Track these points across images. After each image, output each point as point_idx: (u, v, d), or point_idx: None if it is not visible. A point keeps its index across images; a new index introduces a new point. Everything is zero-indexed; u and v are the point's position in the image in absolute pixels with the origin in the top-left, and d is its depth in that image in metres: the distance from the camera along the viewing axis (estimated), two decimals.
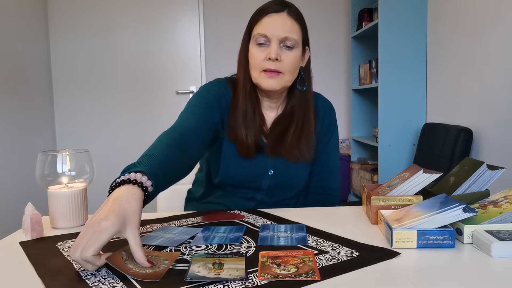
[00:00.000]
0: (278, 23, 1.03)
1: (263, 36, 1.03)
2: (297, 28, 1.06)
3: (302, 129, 1.10)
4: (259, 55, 1.04)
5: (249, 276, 0.60)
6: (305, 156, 1.09)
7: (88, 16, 3.35)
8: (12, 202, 2.60)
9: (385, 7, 2.69)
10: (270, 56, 1.02)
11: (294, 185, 1.13)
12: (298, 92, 1.12)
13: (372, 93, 3.16)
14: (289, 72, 1.05)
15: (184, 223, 0.91)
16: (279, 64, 1.03)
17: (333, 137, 1.18)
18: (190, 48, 3.44)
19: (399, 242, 0.72)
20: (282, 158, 1.09)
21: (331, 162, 1.17)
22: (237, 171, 1.09)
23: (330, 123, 1.18)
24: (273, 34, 1.02)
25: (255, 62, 1.05)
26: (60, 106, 3.39)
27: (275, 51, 1.02)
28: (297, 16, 1.07)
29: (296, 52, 1.05)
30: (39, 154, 0.90)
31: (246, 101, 1.08)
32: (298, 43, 1.06)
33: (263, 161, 1.09)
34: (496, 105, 2.04)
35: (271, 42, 1.03)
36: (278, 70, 1.03)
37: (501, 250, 0.67)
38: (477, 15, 2.18)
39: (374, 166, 3.04)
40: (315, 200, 1.16)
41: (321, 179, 1.16)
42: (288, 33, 1.03)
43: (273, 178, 1.10)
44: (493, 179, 0.88)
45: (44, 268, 0.66)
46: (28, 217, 0.82)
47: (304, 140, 1.09)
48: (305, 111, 1.11)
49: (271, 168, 1.10)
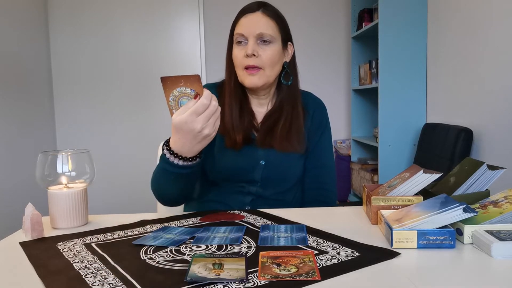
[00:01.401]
0: (253, 21, 1.10)
1: (240, 36, 1.11)
2: (273, 24, 1.12)
3: (291, 121, 1.14)
4: (239, 54, 1.11)
5: (249, 277, 0.60)
6: (295, 147, 1.13)
7: (88, 16, 3.35)
8: (12, 202, 2.60)
9: (385, 7, 2.69)
10: (247, 53, 1.08)
11: (287, 177, 1.15)
12: (285, 87, 1.17)
13: (372, 93, 3.16)
14: (269, 66, 1.11)
15: (184, 223, 0.91)
16: (258, 60, 1.09)
17: (324, 133, 1.22)
18: (190, 48, 3.44)
19: (399, 242, 0.72)
20: (273, 150, 1.13)
21: (324, 158, 1.20)
22: (229, 163, 1.12)
23: (321, 120, 1.22)
24: (249, 32, 1.09)
25: (236, 60, 1.12)
26: (60, 106, 3.39)
27: (251, 47, 1.08)
28: (272, 14, 1.13)
29: (274, 47, 1.11)
30: (39, 154, 0.90)
31: (231, 99, 1.14)
32: (275, 38, 1.12)
33: (255, 152, 1.13)
34: (496, 105, 2.04)
35: (248, 40, 1.10)
36: (257, 66, 1.09)
37: (501, 250, 0.67)
38: (477, 15, 2.18)
39: (374, 166, 3.04)
40: (312, 195, 1.18)
41: (315, 175, 1.18)
42: (262, 29, 1.09)
43: (265, 169, 1.12)
44: (493, 179, 0.88)
45: (44, 269, 0.66)
46: (28, 218, 0.82)
47: (294, 133, 1.14)
48: (293, 104, 1.16)
49: (263, 159, 1.13)
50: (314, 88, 1.18)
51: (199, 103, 0.85)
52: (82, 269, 0.65)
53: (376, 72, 2.92)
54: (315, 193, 1.18)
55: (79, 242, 0.80)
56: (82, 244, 0.78)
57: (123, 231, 0.86)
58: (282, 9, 1.19)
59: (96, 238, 0.82)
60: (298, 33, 3.53)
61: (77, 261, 0.69)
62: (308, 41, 3.49)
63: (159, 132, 3.21)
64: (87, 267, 0.66)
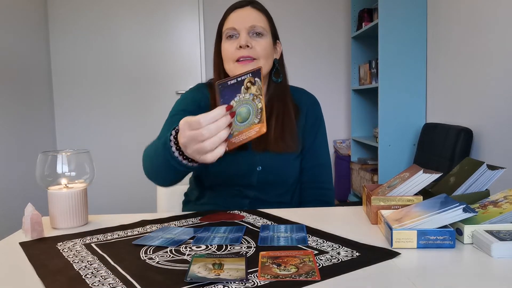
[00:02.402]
0: (244, 15, 1.09)
1: (231, 30, 1.08)
2: (263, 18, 1.11)
3: (283, 119, 1.12)
4: (230, 47, 1.07)
5: (249, 277, 0.60)
6: (290, 147, 1.11)
7: (88, 16, 3.35)
8: (12, 202, 2.60)
9: (385, 7, 2.69)
10: (240, 44, 1.05)
11: (284, 179, 1.14)
12: (274, 85, 1.15)
13: (372, 93, 3.16)
14: (263, 57, 1.08)
15: (184, 223, 0.91)
16: (252, 51, 1.06)
17: (320, 130, 1.20)
18: (190, 48, 3.44)
19: (399, 242, 0.72)
20: (269, 153, 1.10)
21: (321, 157, 1.19)
22: (225, 169, 1.09)
23: (316, 118, 1.20)
24: (241, 25, 1.07)
25: (227, 54, 1.08)
26: (60, 106, 3.39)
27: (245, 39, 1.06)
28: (262, 9, 1.12)
29: (266, 39, 1.09)
30: (39, 154, 0.90)
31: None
32: (267, 31, 1.10)
33: (251, 157, 1.10)
34: (496, 105, 2.04)
35: (240, 33, 1.07)
36: (252, 56, 1.06)
37: (501, 250, 0.67)
38: (477, 15, 2.18)
39: (374, 166, 3.04)
40: (310, 195, 1.17)
41: (312, 174, 1.17)
42: (254, 21, 1.08)
43: (262, 174, 1.11)
44: (493, 179, 0.88)
45: (44, 269, 0.66)
46: (28, 218, 0.82)
47: (287, 131, 1.11)
48: (283, 101, 1.14)
49: (259, 164, 1.11)
50: (314, 88, 1.18)
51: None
52: (82, 269, 0.65)
53: (376, 72, 2.92)
54: (313, 193, 1.17)
55: (79, 242, 0.80)
56: (82, 244, 0.78)
57: (123, 231, 0.86)
58: (282, 9, 1.20)
59: (96, 238, 0.82)
60: (298, 33, 3.56)
61: (77, 261, 0.69)
62: (308, 41, 3.50)
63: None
64: (87, 267, 0.66)
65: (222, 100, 0.75)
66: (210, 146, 0.75)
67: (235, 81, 0.75)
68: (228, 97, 0.75)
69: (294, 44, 3.43)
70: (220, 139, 0.75)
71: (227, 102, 0.75)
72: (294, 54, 3.42)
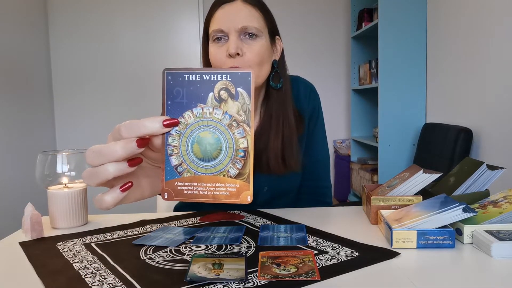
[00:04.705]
0: (232, 13, 0.91)
1: (219, 32, 0.92)
2: (257, 15, 0.93)
3: (284, 138, 0.99)
4: (218, 52, 0.92)
5: (249, 277, 0.60)
6: (293, 168, 1.00)
7: (88, 16, 3.35)
8: (12, 202, 2.60)
9: (385, 7, 2.69)
10: (229, 52, 0.89)
11: (289, 193, 1.12)
12: (274, 92, 0.99)
13: (372, 93, 3.16)
14: (257, 65, 0.91)
15: (184, 223, 0.91)
16: (242, 60, 0.90)
17: (317, 124, 1.11)
18: (190, 48, 3.44)
19: (399, 242, 0.72)
20: (273, 174, 1.03)
21: (318, 153, 1.13)
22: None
23: (314, 108, 1.09)
24: (229, 27, 0.90)
25: (215, 61, 0.93)
26: (60, 106, 3.39)
27: (234, 45, 0.89)
28: (255, 2, 0.94)
29: (261, 41, 0.92)
30: (39, 154, 0.90)
31: None
32: (262, 32, 0.93)
33: (257, 178, 1.00)
34: (496, 105, 2.04)
35: (229, 36, 0.91)
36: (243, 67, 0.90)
37: (501, 250, 0.67)
38: (477, 15, 2.18)
39: (374, 166, 3.04)
40: (305, 192, 1.14)
41: (310, 171, 1.13)
42: (246, 21, 0.90)
43: (268, 193, 1.09)
44: (493, 179, 0.88)
45: (44, 269, 0.66)
46: (28, 218, 0.82)
47: (288, 150, 0.99)
48: (284, 114, 0.99)
49: (265, 185, 1.07)
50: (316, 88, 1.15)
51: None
52: (81, 269, 0.65)
53: (376, 72, 2.92)
54: (309, 190, 1.14)
55: (78, 242, 0.80)
56: (82, 244, 0.78)
57: (122, 231, 0.86)
58: (281, 9, 1.17)
59: (95, 238, 0.82)
60: (298, 33, 3.56)
61: (76, 261, 0.69)
62: (308, 41, 3.50)
63: None
64: (86, 267, 0.66)
65: (169, 102, 0.46)
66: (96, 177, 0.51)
67: (198, 77, 0.45)
68: (179, 102, 0.45)
69: (294, 44, 3.43)
70: (106, 173, 0.50)
71: (175, 111, 0.45)
72: (294, 54, 3.42)
